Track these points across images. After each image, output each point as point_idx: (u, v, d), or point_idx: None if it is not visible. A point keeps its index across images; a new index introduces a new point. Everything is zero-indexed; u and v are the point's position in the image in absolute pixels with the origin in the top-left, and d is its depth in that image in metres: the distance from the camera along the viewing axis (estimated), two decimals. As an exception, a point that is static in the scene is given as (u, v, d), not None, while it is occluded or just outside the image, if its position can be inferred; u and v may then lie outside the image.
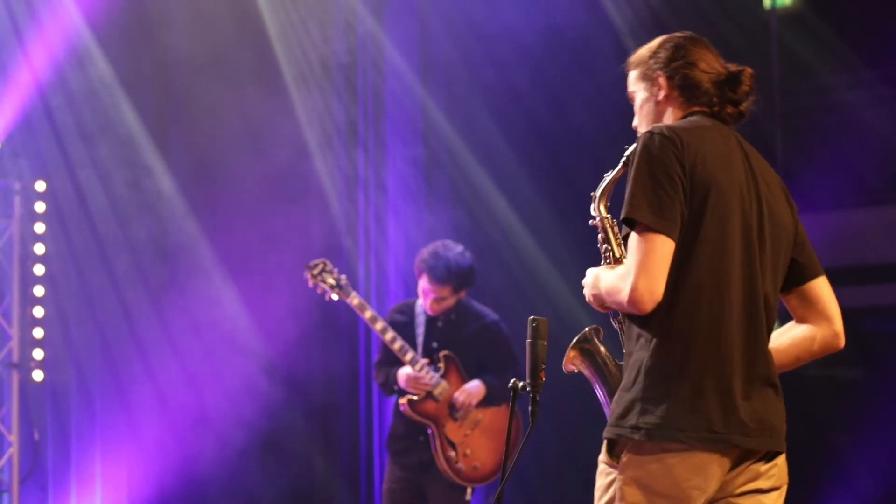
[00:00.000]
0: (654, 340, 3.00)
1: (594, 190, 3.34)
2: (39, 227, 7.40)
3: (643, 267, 2.95)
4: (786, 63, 7.73)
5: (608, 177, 3.33)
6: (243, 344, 7.59)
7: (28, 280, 7.35)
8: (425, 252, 6.31)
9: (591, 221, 3.34)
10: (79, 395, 7.47)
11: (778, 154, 7.56)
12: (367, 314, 6.20)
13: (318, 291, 6.28)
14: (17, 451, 7.22)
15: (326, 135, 7.89)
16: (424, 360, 6.24)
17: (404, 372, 6.22)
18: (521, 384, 3.30)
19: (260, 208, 7.73)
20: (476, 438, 6.27)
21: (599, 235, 3.36)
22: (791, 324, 3.26)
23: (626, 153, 3.22)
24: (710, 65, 3.21)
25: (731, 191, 3.04)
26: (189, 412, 7.62)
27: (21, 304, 7.32)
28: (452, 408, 6.25)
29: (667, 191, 2.97)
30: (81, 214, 7.53)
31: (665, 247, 2.96)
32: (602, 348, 3.34)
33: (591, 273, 3.21)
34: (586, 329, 3.37)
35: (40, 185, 7.41)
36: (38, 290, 7.38)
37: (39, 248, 7.39)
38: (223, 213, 7.76)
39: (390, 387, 6.31)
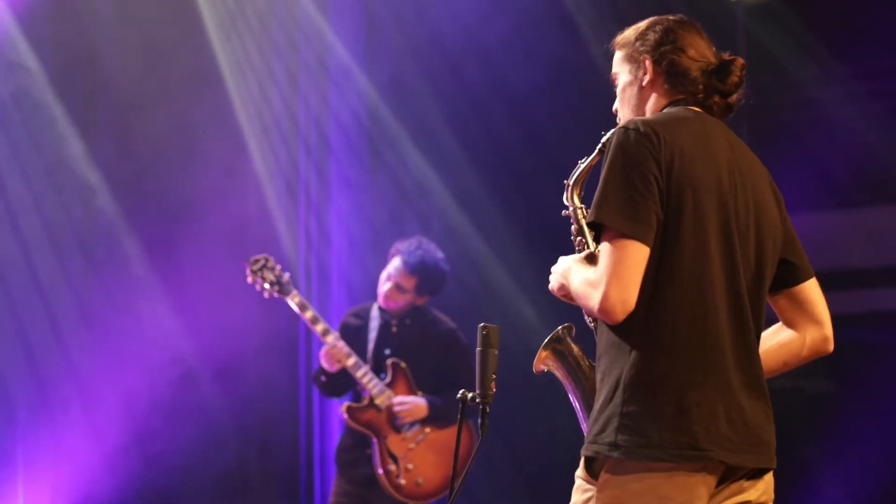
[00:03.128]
0: (634, 352, 2.88)
1: (567, 178, 3.25)
2: (-42, 230, 7.17)
3: (615, 275, 2.84)
4: (753, 57, 7.52)
5: (583, 164, 3.24)
6: (174, 352, 7.43)
7: (-53, 287, 7.16)
8: (407, 241, 6.29)
9: (563, 212, 3.26)
10: (0, 411, 7.22)
11: (745, 153, 7.51)
12: (308, 314, 6.10)
13: (258, 288, 6.19)
14: (-67, 469, 7.04)
15: (265, 129, 7.77)
16: (367, 367, 6.11)
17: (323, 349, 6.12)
18: (469, 395, 3.23)
19: (193, 206, 7.54)
20: (421, 453, 6.14)
21: (573, 227, 3.26)
22: (778, 326, 3.18)
23: (603, 139, 3.10)
24: (699, 52, 3.13)
25: (710, 189, 2.94)
26: (118, 428, 7.41)
27: (-61, 314, 7.12)
28: (394, 418, 6.11)
29: (641, 192, 2.86)
30: (4, 215, 7.27)
31: (639, 254, 2.85)
32: (575, 349, 3.25)
33: (563, 261, 3.12)
34: (559, 328, 3.27)
35: (-41, 184, 7.18)
36: (-42, 299, 7.15)
37: (-42, 253, 7.15)
38: (154, 212, 7.60)
39: (318, 373, 6.22)
